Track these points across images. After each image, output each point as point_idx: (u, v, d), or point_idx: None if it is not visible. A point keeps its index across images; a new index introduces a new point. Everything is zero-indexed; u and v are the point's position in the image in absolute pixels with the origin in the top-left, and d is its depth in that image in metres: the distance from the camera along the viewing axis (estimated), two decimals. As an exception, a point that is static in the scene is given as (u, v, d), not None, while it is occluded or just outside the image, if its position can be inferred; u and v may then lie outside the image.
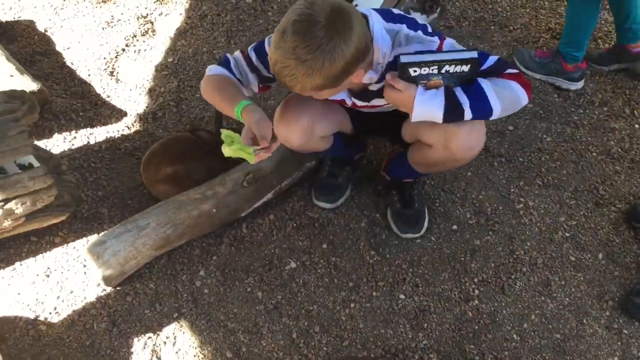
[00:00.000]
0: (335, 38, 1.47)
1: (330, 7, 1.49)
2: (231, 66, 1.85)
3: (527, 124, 2.67)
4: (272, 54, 1.54)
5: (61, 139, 2.55)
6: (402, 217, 2.25)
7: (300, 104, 1.91)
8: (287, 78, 1.55)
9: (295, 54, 1.48)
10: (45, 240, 2.21)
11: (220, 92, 1.80)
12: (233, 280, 2.14)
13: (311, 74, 1.52)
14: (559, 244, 2.26)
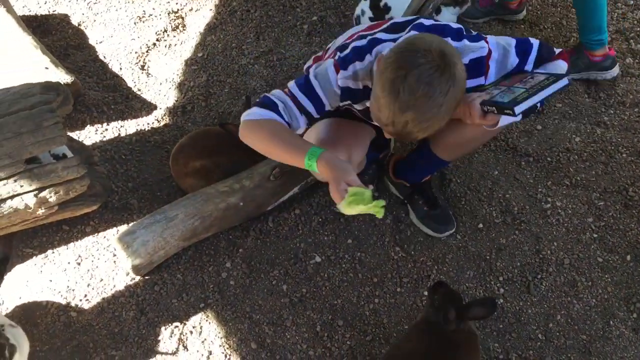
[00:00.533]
0: (449, 72, 1.46)
1: (437, 46, 1.48)
2: (279, 110, 1.72)
3: (556, 123, 2.64)
4: (401, 116, 1.49)
5: (93, 130, 2.60)
6: (433, 218, 2.25)
7: (332, 141, 1.89)
8: (419, 132, 1.52)
9: (435, 103, 1.46)
10: (77, 229, 2.26)
11: (278, 139, 1.66)
12: (259, 273, 2.17)
13: (446, 116, 1.52)
14: (586, 245, 2.24)
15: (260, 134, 1.69)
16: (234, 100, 2.75)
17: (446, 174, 2.46)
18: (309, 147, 1.63)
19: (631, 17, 3.15)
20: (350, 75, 1.74)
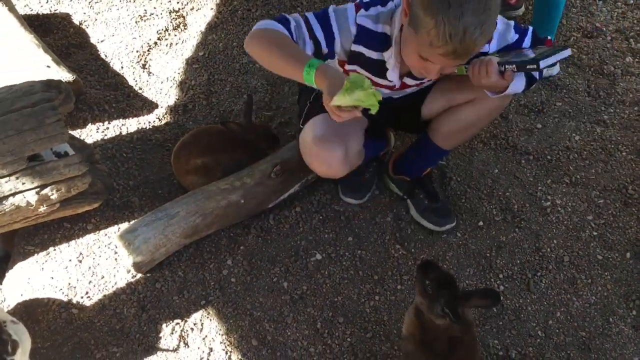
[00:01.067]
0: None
1: None
2: (291, 27, 1.68)
3: (556, 122, 2.65)
4: (458, 24, 1.45)
5: (94, 129, 2.61)
6: (434, 212, 2.25)
7: (329, 136, 1.92)
8: (479, 38, 1.49)
9: (486, 6, 1.46)
10: (78, 226, 2.27)
11: (280, 48, 1.61)
12: (259, 270, 2.18)
13: (496, 15, 1.52)
14: (586, 243, 2.24)
15: (263, 42, 1.65)
16: (235, 99, 2.76)
17: (446, 172, 2.47)
18: (309, 59, 1.57)
19: (631, 16, 3.16)
20: (371, 15, 1.74)
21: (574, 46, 2.98)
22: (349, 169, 2.02)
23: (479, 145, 2.58)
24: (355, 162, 2.05)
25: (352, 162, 2.02)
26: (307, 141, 1.95)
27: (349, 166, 2.00)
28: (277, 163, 2.26)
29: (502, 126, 2.64)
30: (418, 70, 1.72)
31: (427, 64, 1.64)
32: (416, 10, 1.53)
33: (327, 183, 2.42)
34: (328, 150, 1.92)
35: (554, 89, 2.79)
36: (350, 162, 1.99)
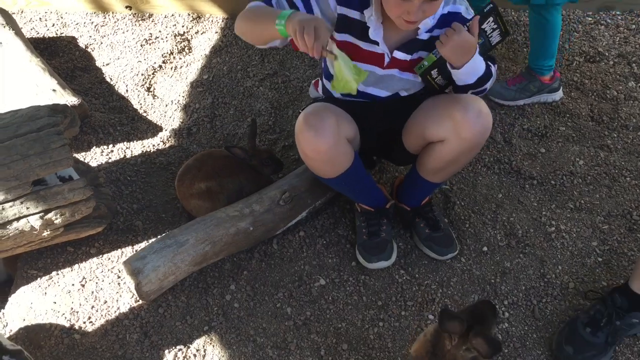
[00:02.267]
0: None
1: None
2: (272, 2, 1.82)
3: (560, 147, 2.65)
4: None
5: (99, 152, 2.62)
6: (435, 241, 2.24)
7: (320, 108, 1.92)
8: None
9: None
10: (82, 250, 2.27)
11: (258, 16, 1.76)
12: (263, 296, 2.17)
13: None
14: (591, 269, 2.23)
15: (244, 17, 1.81)
16: (239, 122, 2.77)
17: (450, 197, 2.46)
18: (279, 12, 1.66)
19: (633, 41, 3.18)
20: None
21: (576, 71, 2.99)
22: (334, 150, 1.91)
23: (483, 170, 2.58)
24: (343, 151, 1.95)
25: (340, 145, 1.92)
26: (299, 120, 1.91)
27: (335, 142, 1.89)
28: (285, 190, 2.26)
29: (506, 150, 2.64)
30: (399, 15, 1.72)
31: (406, 4, 1.67)
32: None
33: (331, 207, 2.42)
34: (319, 118, 1.87)
35: (557, 113, 2.80)
36: (338, 140, 1.89)
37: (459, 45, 1.77)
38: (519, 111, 2.81)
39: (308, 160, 1.99)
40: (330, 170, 2.00)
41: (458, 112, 1.87)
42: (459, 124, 1.87)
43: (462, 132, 1.88)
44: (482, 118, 1.88)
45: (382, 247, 2.22)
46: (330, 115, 1.89)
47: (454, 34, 1.75)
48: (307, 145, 1.91)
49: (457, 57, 1.80)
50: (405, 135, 2.10)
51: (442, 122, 1.91)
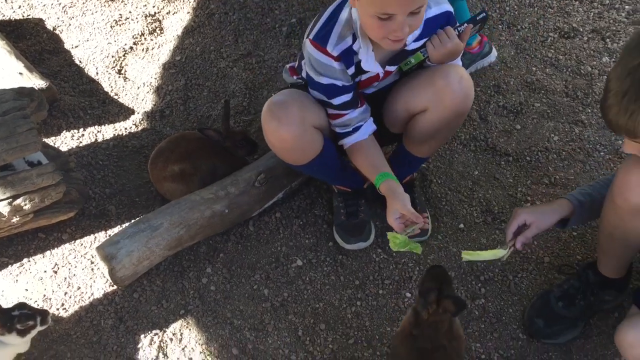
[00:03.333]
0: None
1: None
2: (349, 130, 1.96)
3: (535, 123, 2.66)
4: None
5: (69, 136, 2.56)
6: None
7: (285, 97, 1.89)
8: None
9: None
10: (53, 237, 2.22)
11: (364, 160, 1.98)
12: (239, 278, 2.15)
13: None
14: (566, 243, 2.25)
15: (353, 153, 2.01)
16: (212, 103, 2.73)
17: (427, 175, 2.46)
18: (380, 172, 1.90)
19: (607, 16, 3.18)
20: (336, 39, 1.78)
21: (551, 47, 2.99)
22: (300, 139, 1.88)
23: (459, 147, 2.57)
24: (310, 139, 1.91)
25: (307, 134, 1.89)
26: (263, 109, 1.89)
27: (301, 133, 1.86)
28: (261, 171, 2.23)
29: (482, 128, 2.64)
30: (384, 36, 1.69)
31: (389, 24, 1.64)
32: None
33: (307, 187, 2.40)
34: (283, 107, 1.85)
35: (532, 89, 2.80)
36: (304, 130, 1.87)
37: (450, 52, 1.83)
38: (494, 88, 2.80)
39: (275, 150, 1.97)
40: (299, 158, 1.97)
41: (439, 80, 1.86)
42: (441, 90, 1.87)
43: (445, 99, 1.88)
44: (463, 84, 1.87)
45: (360, 228, 2.21)
46: (294, 104, 1.86)
47: (448, 41, 1.81)
48: (271, 135, 1.89)
49: (443, 60, 1.87)
50: (388, 111, 2.08)
51: (424, 91, 1.90)
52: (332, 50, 1.79)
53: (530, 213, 1.85)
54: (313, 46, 1.80)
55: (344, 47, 1.80)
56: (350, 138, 1.97)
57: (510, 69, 2.90)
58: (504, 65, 2.92)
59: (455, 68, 1.89)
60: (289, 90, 1.96)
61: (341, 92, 1.88)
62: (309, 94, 1.96)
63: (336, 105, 1.90)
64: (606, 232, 1.83)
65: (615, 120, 1.42)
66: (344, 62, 1.83)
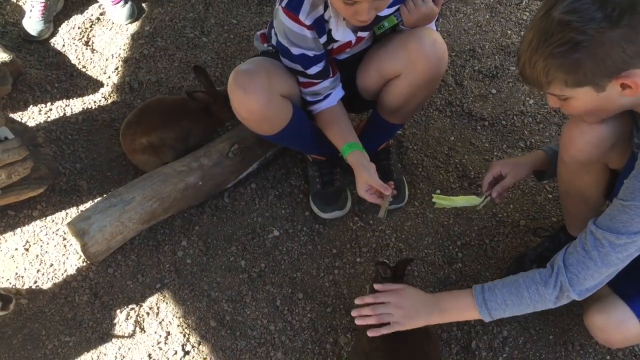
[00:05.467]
0: None
1: None
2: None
3: (510, 87, 2.65)
4: None
5: (37, 111, 2.49)
6: None
7: (252, 66, 1.85)
8: None
9: None
10: (24, 214, 2.18)
11: (330, 128, 1.98)
12: (216, 250, 2.13)
13: None
14: (541, 206, 2.26)
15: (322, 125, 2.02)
16: (184, 74, 2.67)
17: (403, 142, 2.44)
18: (347, 142, 1.91)
19: None
20: (309, 8, 1.74)
21: (526, 9, 2.97)
22: (269, 109, 1.84)
23: (435, 113, 2.55)
24: (278, 107, 1.87)
25: (274, 103, 1.85)
26: (229, 78, 1.84)
27: (268, 101, 1.81)
28: (234, 142, 2.19)
29: (457, 93, 2.62)
30: (352, 17, 1.68)
31: (355, 7, 1.62)
32: None
33: (282, 157, 2.37)
34: (249, 76, 1.80)
35: (508, 53, 2.78)
36: (271, 98, 1.82)
37: (424, 16, 1.80)
38: (469, 52, 2.77)
39: (243, 120, 1.91)
40: (268, 128, 1.92)
41: (413, 43, 1.83)
42: (414, 54, 1.83)
43: (418, 63, 1.85)
44: (437, 48, 1.84)
45: (336, 196, 2.19)
46: (260, 72, 1.82)
47: (422, 5, 1.78)
48: (238, 104, 1.84)
49: (418, 24, 1.84)
50: (361, 77, 2.04)
51: (397, 55, 1.87)
52: (304, 19, 1.75)
53: (505, 164, 1.85)
54: (286, 14, 1.75)
55: (316, 15, 1.76)
56: (320, 105, 1.96)
57: (485, 32, 2.88)
58: (479, 29, 2.89)
59: (428, 32, 1.86)
60: (256, 59, 1.92)
61: (313, 62, 1.85)
62: (278, 62, 1.92)
63: (309, 75, 1.88)
64: (563, 191, 1.85)
65: (523, 72, 1.42)
66: (317, 30, 1.79)
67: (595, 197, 1.80)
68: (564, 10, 1.27)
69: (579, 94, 1.38)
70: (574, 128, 1.63)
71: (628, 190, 1.37)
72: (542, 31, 1.31)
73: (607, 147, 1.60)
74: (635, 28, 1.24)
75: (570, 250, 1.48)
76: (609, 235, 1.39)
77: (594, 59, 1.28)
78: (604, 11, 1.24)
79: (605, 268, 1.42)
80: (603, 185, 1.75)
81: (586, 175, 1.71)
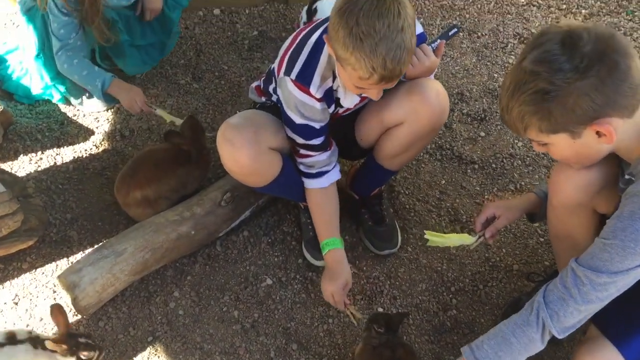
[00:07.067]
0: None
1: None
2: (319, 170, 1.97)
3: (499, 130, 2.68)
4: (376, 58, 1.52)
5: (27, 160, 2.48)
6: (376, 235, 2.22)
7: (240, 120, 1.88)
8: (400, 64, 1.56)
9: (396, 28, 1.52)
10: (13, 266, 2.15)
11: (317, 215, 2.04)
12: (208, 300, 2.11)
13: (412, 37, 1.59)
14: (533, 250, 2.27)
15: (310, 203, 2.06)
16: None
17: (394, 186, 2.45)
18: (328, 237, 2.00)
19: (564, 20, 3.23)
20: (319, 82, 1.78)
21: (511, 53, 3.03)
22: (257, 163, 1.85)
23: (425, 157, 2.57)
24: (267, 161, 1.89)
25: (263, 157, 1.86)
26: (218, 132, 1.87)
27: (256, 155, 1.83)
28: (227, 190, 2.19)
29: (447, 136, 2.65)
30: (360, 93, 1.75)
31: (365, 90, 1.69)
32: (336, 49, 1.59)
33: (274, 204, 2.37)
34: (237, 130, 1.83)
35: (495, 96, 2.82)
36: (259, 151, 1.84)
37: (427, 69, 1.84)
38: (457, 96, 2.81)
39: (233, 174, 1.94)
40: (258, 181, 1.95)
41: (416, 95, 1.87)
42: (418, 104, 1.87)
43: (421, 113, 1.88)
44: (440, 98, 1.88)
45: None
46: (249, 126, 1.84)
47: (425, 59, 1.81)
48: (227, 159, 1.87)
49: (420, 76, 1.88)
50: (361, 125, 2.07)
51: (401, 105, 1.90)
52: (315, 92, 1.79)
53: (498, 206, 1.88)
54: (295, 86, 1.78)
55: (325, 87, 1.81)
56: (312, 182, 1.98)
57: (473, 76, 2.93)
58: (467, 73, 2.94)
59: (431, 83, 1.90)
60: (246, 112, 1.95)
61: (317, 134, 1.88)
62: (270, 115, 1.94)
63: (310, 146, 1.90)
64: (553, 235, 1.86)
65: (502, 117, 1.47)
66: (326, 101, 1.84)
67: (585, 241, 1.80)
68: (534, 60, 1.34)
69: (555, 140, 1.43)
70: (560, 173, 1.66)
71: (609, 229, 1.39)
72: (516, 79, 1.37)
73: (594, 192, 1.62)
74: (603, 79, 1.29)
75: (550, 287, 1.49)
76: (590, 273, 1.39)
77: (563, 108, 1.33)
78: (572, 62, 1.29)
79: (585, 306, 1.42)
80: (592, 229, 1.76)
81: (575, 219, 1.73)
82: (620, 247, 1.33)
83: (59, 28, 2.44)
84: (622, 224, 1.34)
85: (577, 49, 1.29)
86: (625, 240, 1.33)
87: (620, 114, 1.33)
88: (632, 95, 1.31)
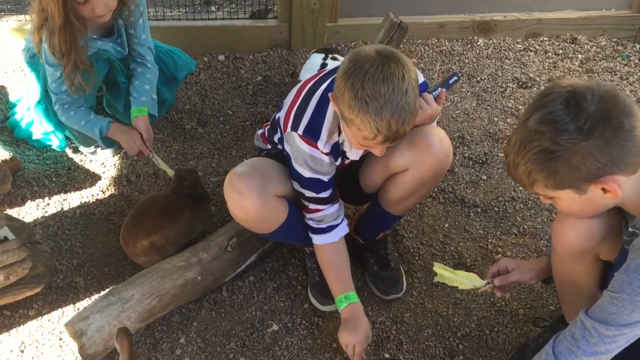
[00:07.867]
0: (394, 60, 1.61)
1: (371, 48, 1.63)
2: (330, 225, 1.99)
3: (500, 173, 2.72)
4: (381, 120, 1.57)
5: (34, 206, 2.50)
6: (382, 279, 2.23)
7: (246, 168, 1.91)
8: (404, 126, 1.62)
9: (400, 91, 1.58)
10: (19, 313, 2.14)
11: (330, 271, 2.06)
12: (214, 347, 2.10)
13: (416, 98, 1.66)
14: (538, 294, 2.27)
15: (321, 259, 2.08)
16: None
17: (398, 230, 2.47)
18: (344, 292, 2.01)
19: (561, 65, 3.31)
20: (326, 137, 1.81)
21: (510, 97, 3.09)
22: (264, 211, 1.88)
23: (429, 200, 2.60)
24: (274, 208, 1.91)
25: (270, 204, 1.89)
26: (225, 180, 1.90)
27: (263, 202, 1.85)
28: (233, 235, 2.21)
29: (449, 179, 2.69)
30: (364, 150, 1.80)
31: (369, 148, 1.74)
32: (342, 109, 1.64)
33: (280, 249, 2.39)
34: (243, 178, 1.86)
35: (496, 140, 2.87)
36: (266, 199, 1.86)
37: (429, 117, 1.87)
38: (458, 139, 2.86)
39: (239, 221, 1.97)
40: (264, 227, 1.97)
41: (420, 142, 1.90)
42: (422, 152, 1.90)
43: (426, 160, 1.91)
44: (443, 145, 1.92)
45: None
46: (255, 174, 1.87)
47: (427, 107, 1.84)
48: (233, 207, 1.90)
49: (422, 124, 1.90)
50: (365, 172, 2.11)
51: (405, 153, 1.93)
52: (322, 147, 1.83)
53: (512, 261, 1.91)
54: (303, 141, 1.83)
55: (332, 142, 1.86)
56: (321, 237, 2.01)
57: (473, 120, 2.98)
58: (467, 117, 2.99)
59: (435, 130, 1.94)
60: (252, 160, 1.98)
61: (326, 187, 1.92)
62: (275, 162, 1.98)
63: (319, 199, 1.93)
64: (559, 281, 1.88)
65: (509, 171, 1.51)
66: (333, 155, 1.89)
67: (589, 287, 1.82)
68: (539, 120, 1.38)
69: (562, 195, 1.47)
70: (563, 221, 1.68)
71: (617, 283, 1.41)
72: (522, 138, 1.42)
73: (597, 240, 1.65)
74: (608, 140, 1.33)
75: (560, 339, 1.51)
76: (598, 325, 1.41)
77: (568, 166, 1.37)
78: (577, 123, 1.33)
79: (593, 357, 1.44)
80: (596, 276, 1.78)
81: (579, 266, 1.75)
82: (628, 300, 1.36)
83: (52, 81, 2.48)
84: (628, 277, 1.37)
85: (581, 109, 1.33)
86: (632, 294, 1.35)
87: (625, 172, 1.37)
88: (637, 154, 1.35)
